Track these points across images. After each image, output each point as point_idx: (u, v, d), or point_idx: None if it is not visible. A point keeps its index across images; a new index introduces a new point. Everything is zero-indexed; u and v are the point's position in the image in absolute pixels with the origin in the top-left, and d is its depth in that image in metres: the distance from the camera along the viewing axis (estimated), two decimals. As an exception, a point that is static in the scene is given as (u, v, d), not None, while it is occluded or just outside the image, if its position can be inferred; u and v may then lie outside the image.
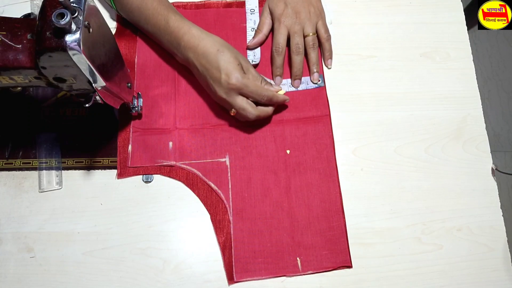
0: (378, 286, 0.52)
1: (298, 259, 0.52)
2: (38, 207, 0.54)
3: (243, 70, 0.53)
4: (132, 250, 0.52)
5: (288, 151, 0.57)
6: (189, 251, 0.53)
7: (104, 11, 0.63)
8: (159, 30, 0.56)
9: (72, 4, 0.37)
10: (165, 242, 0.53)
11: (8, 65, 0.40)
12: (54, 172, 0.55)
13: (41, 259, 0.52)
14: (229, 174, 0.56)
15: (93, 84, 0.43)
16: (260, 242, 0.53)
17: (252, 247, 0.53)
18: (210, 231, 0.54)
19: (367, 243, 0.54)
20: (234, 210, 0.54)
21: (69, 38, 0.37)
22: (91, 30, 0.39)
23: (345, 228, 0.54)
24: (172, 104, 0.59)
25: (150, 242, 0.53)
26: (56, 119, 0.58)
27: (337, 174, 0.56)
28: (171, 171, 0.56)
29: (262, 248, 0.53)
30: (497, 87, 1.44)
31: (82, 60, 0.38)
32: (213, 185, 0.55)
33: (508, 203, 1.29)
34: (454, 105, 0.61)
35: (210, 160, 0.56)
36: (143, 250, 0.52)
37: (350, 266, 0.52)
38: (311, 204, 0.55)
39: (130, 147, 0.56)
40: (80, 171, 0.56)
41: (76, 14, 0.37)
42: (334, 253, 0.53)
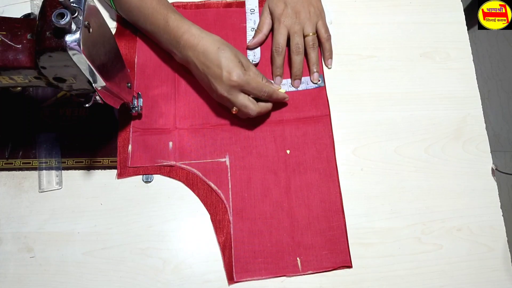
0: (378, 286, 0.52)
1: (298, 259, 0.52)
2: (38, 207, 0.54)
3: (244, 68, 0.53)
4: (132, 250, 0.52)
5: (288, 151, 0.57)
6: (189, 251, 0.53)
7: (104, 11, 0.63)
8: (158, 29, 0.56)
9: (72, 4, 0.37)
10: (165, 242, 0.53)
11: (8, 65, 0.40)
12: (54, 172, 0.55)
13: (41, 259, 0.52)
14: (229, 174, 0.56)
15: (93, 84, 0.43)
16: (260, 242, 0.53)
17: (252, 247, 0.53)
18: (210, 231, 0.54)
19: (367, 243, 0.54)
20: (234, 210, 0.54)
21: (69, 38, 0.37)
22: (91, 30, 0.39)
23: (345, 228, 0.54)
24: (172, 104, 0.59)
25: (150, 242, 0.53)
26: (56, 119, 0.58)
27: (337, 174, 0.56)
28: (171, 171, 0.56)
29: (262, 248, 0.53)
30: (497, 87, 1.44)
31: (82, 60, 0.38)
32: (213, 185, 0.55)
33: (508, 203, 1.29)
34: (454, 105, 0.61)
35: (210, 160, 0.56)
36: (143, 250, 0.52)
37: (350, 266, 0.52)
38: (311, 204, 0.55)
39: (130, 147, 0.56)
40: (80, 171, 0.56)
41: (76, 14, 0.37)
42: (334, 253, 0.53)
